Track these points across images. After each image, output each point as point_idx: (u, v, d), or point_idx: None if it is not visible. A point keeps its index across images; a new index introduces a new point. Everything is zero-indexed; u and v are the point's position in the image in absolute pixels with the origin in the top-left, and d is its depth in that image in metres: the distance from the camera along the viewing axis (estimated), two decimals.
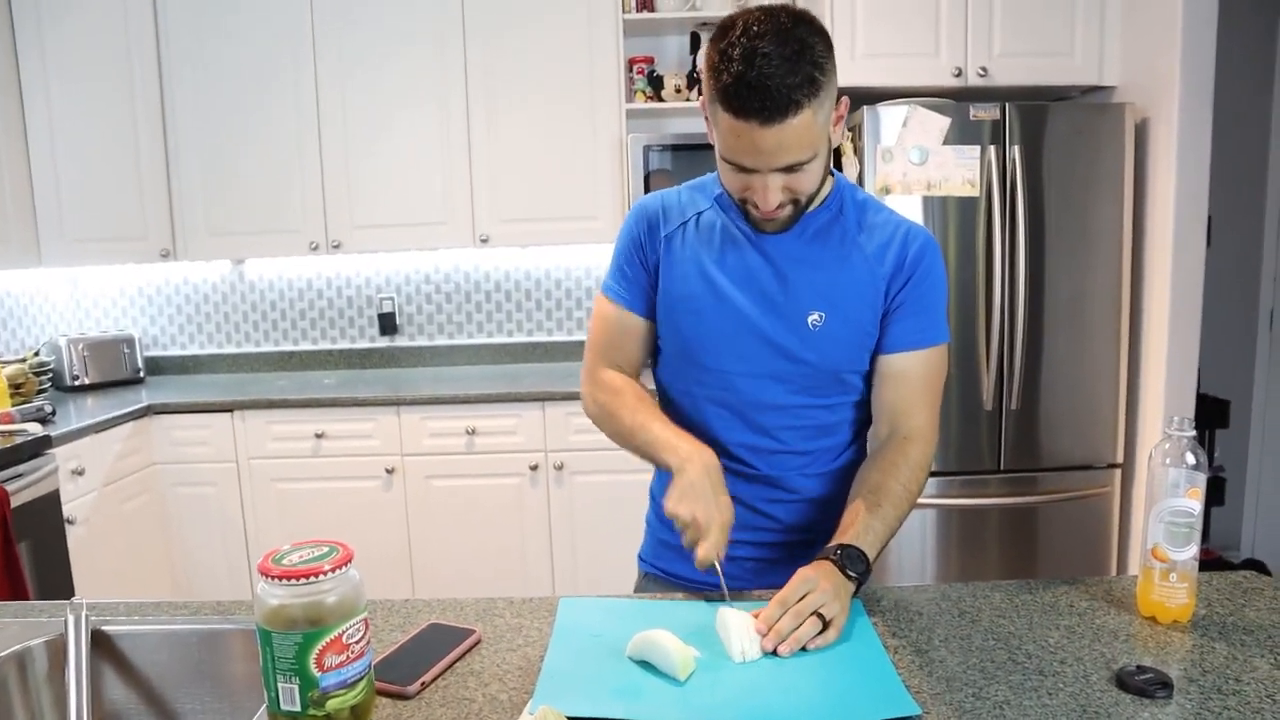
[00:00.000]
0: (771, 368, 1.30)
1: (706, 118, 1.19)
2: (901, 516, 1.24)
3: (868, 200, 1.34)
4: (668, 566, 1.46)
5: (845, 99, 1.19)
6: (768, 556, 1.28)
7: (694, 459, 1.19)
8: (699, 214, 1.35)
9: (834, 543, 1.18)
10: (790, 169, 1.14)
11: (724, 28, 1.11)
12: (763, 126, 1.09)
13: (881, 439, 1.32)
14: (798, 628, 1.07)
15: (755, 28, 1.08)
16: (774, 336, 1.29)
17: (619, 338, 1.39)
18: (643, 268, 1.36)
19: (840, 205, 1.31)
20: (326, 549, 0.93)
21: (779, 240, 1.28)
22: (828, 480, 1.37)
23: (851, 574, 1.14)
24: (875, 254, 1.29)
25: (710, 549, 1.12)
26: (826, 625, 1.08)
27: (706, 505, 1.14)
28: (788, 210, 1.21)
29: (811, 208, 1.28)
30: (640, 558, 1.54)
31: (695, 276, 1.32)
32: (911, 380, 1.30)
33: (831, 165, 1.28)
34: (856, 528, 1.19)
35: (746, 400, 1.32)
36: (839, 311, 1.28)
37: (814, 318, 1.27)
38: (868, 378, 1.34)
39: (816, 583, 1.10)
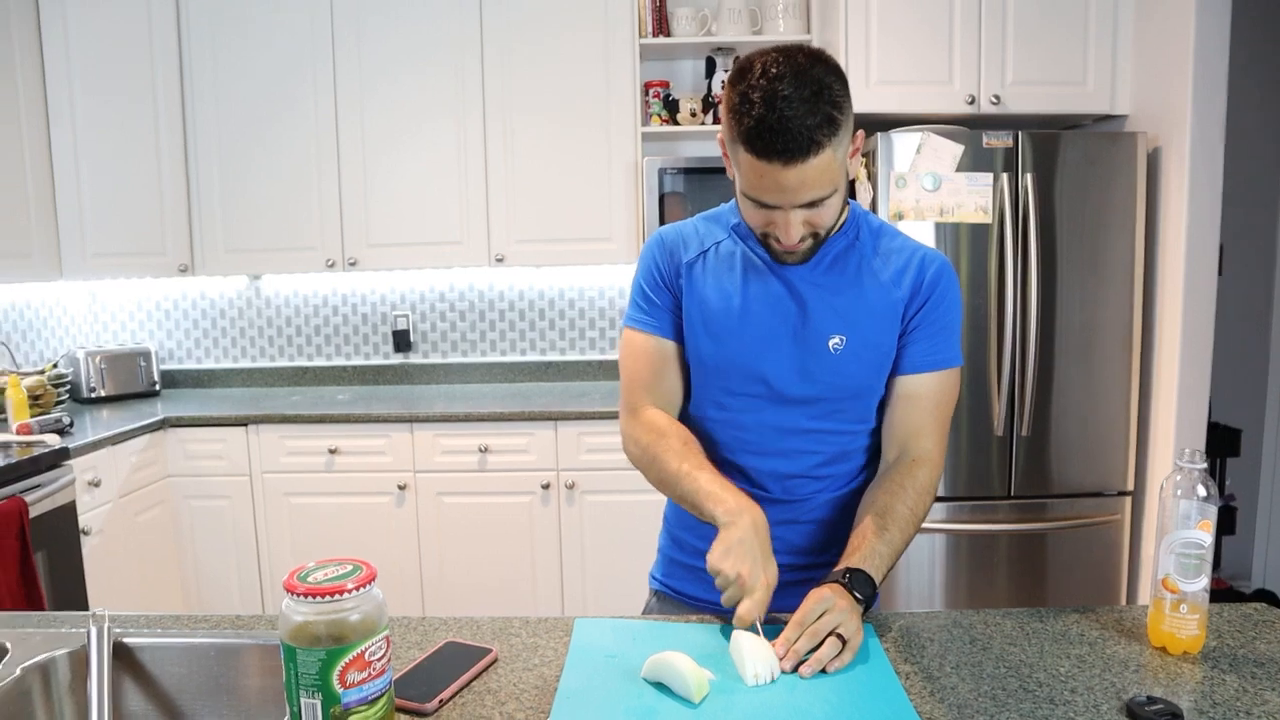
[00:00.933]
0: (794, 392, 1.32)
1: (726, 155, 1.22)
2: (907, 540, 1.25)
3: (883, 226, 1.37)
4: (679, 585, 1.47)
5: (861, 132, 1.22)
6: (779, 579, 1.29)
7: (743, 515, 1.18)
8: (718, 243, 1.37)
9: (841, 566, 1.19)
10: (811, 204, 1.16)
11: (741, 70, 1.14)
12: (785, 167, 1.11)
13: (890, 461, 1.34)
14: (817, 647, 1.08)
15: (774, 70, 1.10)
16: (796, 360, 1.31)
17: (658, 367, 1.39)
18: (669, 291, 1.37)
19: (857, 232, 1.34)
20: (350, 567, 0.95)
21: (798, 266, 1.30)
22: (839, 504, 1.38)
23: (859, 597, 1.15)
24: (892, 278, 1.31)
25: (753, 609, 1.11)
26: (844, 645, 1.09)
27: (753, 564, 1.13)
28: (809, 243, 1.23)
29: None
30: (652, 576, 1.55)
31: (717, 302, 1.33)
32: (923, 402, 1.32)
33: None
34: (864, 551, 1.20)
35: (769, 424, 1.34)
36: (859, 334, 1.30)
37: (835, 341, 1.29)
38: (884, 404, 1.36)
39: (833, 602, 1.11)
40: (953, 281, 1.33)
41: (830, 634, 1.10)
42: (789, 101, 1.08)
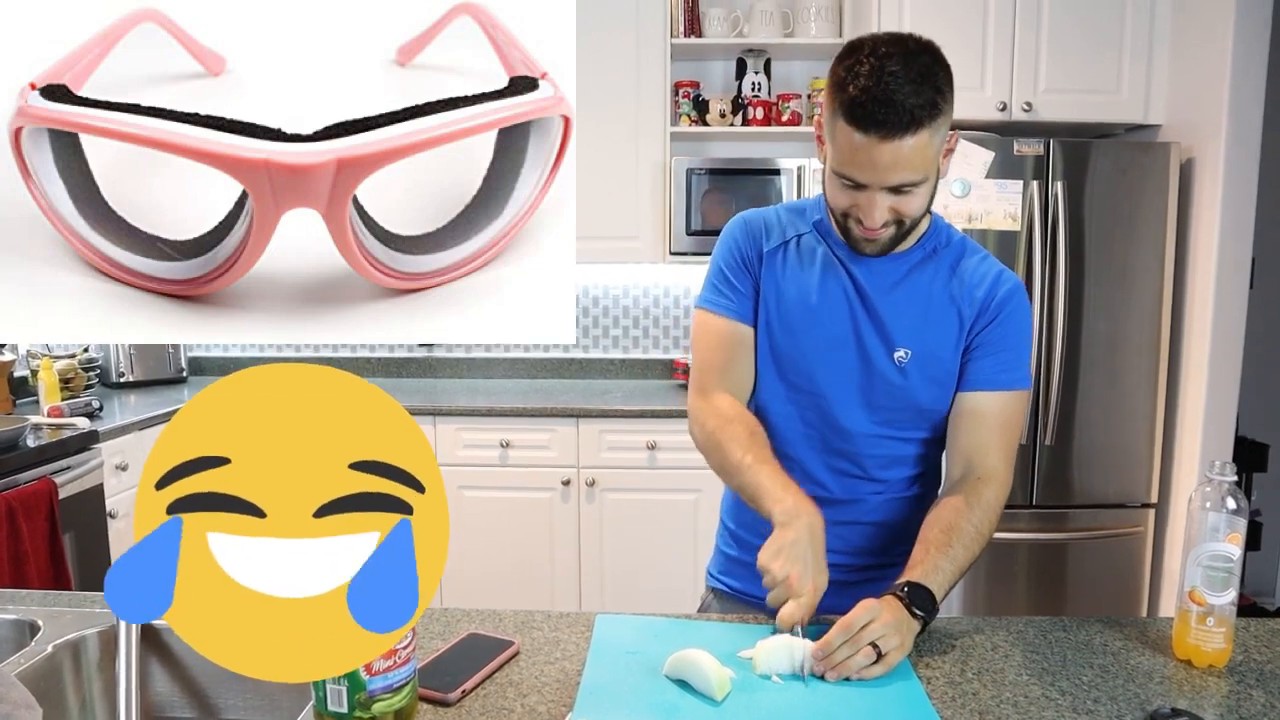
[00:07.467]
0: (859, 396, 1.32)
1: (820, 137, 1.22)
2: (972, 558, 1.23)
3: (965, 243, 1.36)
4: (735, 583, 1.47)
5: (956, 134, 1.21)
6: (832, 578, 1.28)
7: (800, 517, 1.17)
8: (799, 236, 1.36)
9: (902, 580, 1.17)
10: (899, 189, 1.16)
11: (852, 47, 1.15)
12: (882, 141, 1.11)
13: (955, 480, 1.32)
14: (853, 656, 1.06)
15: (884, 49, 1.12)
16: (864, 366, 1.31)
17: (732, 351, 1.37)
18: (750, 276, 1.37)
19: (935, 246, 1.33)
20: None
21: (873, 274, 1.30)
22: (897, 508, 1.38)
23: (918, 612, 1.13)
24: (964, 296, 1.31)
25: (797, 612, 1.10)
26: (880, 658, 1.07)
27: (804, 567, 1.13)
28: (890, 231, 1.22)
29: (907, 245, 1.30)
30: (709, 573, 1.55)
31: (794, 297, 1.33)
32: (987, 420, 1.30)
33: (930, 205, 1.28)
34: (925, 566, 1.18)
35: (832, 424, 1.34)
36: (924, 350, 1.30)
37: (900, 354, 1.30)
38: (948, 416, 1.35)
39: (879, 613, 1.09)
40: (1023, 303, 1.32)
41: (870, 644, 1.07)
42: (896, 76, 1.10)
